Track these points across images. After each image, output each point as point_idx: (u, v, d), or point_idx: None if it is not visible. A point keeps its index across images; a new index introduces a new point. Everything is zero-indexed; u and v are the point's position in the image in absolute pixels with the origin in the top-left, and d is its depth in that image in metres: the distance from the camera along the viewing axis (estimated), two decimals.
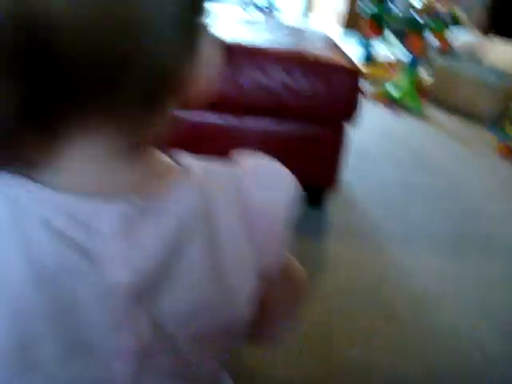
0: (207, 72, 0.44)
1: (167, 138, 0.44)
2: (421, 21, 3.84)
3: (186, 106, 0.44)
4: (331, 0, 7.66)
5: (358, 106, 1.75)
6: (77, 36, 0.34)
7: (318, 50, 1.91)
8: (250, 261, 0.48)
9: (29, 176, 0.39)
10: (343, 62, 1.79)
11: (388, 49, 5.50)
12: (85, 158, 0.39)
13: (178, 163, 0.46)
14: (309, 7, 8.03)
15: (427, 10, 3.93)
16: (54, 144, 0.38)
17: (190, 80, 0.41)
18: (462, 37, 4.75)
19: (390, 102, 3.84)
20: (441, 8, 4.03)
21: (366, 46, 4.77)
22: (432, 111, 3.89)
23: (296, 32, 2.29)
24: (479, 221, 2.22)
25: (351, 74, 1.74)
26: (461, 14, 4.30)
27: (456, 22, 4.04)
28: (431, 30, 3.92)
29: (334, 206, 2.09)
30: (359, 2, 4.53)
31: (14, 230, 0.38)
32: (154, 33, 0.36)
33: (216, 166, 0.48)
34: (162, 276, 0.42)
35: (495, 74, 3.70)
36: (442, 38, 4.31)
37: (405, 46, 4.31)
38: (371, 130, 3.16)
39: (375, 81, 4.22)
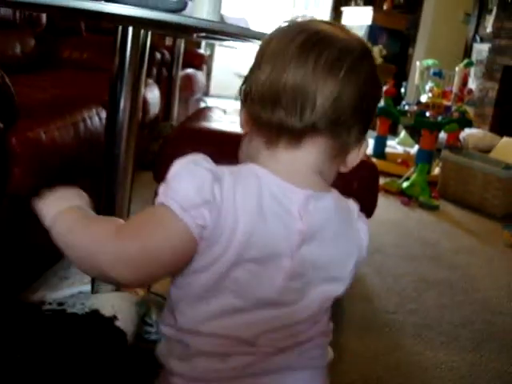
0: (361, 153, 0.78)
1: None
2: (434, 120, 3.94)
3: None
4: None
5: (376, 202, 1.78)
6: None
7: None
8: (353, 251, 0.80)
9: (258, 164, 0.73)
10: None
11: (399, 144, 5.63)
12: (299, 162, 0.74)
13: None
14: None
15: (436, 108, 4.05)
16: (291, 147, 0.73)
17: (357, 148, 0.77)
18: (470, 132, 4.88)
19: (402, 195, 3.89)
20: (448, 104, 4.14)
21: (379, 142, 4.90)
22: (444, 205, 3.93)
23: None
24: (495, 318, 2.20)
25: (371, 170, 1.78)
26: (468, 109, 4.42)
27: (468, 122, 4.15)
28: (445, 130, 4.01)
29: (347, 299, 2.09)
30: None
31: (256, 188, 0.70)
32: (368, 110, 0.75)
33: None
34: (316, 234, 0.74)
35: (505, 169, 3.75)
36: (453, 135, 4.41)
37: (416, 141, 4.42)
38: (384, 223, 3.19)
39: (387, 175, 4.29)
